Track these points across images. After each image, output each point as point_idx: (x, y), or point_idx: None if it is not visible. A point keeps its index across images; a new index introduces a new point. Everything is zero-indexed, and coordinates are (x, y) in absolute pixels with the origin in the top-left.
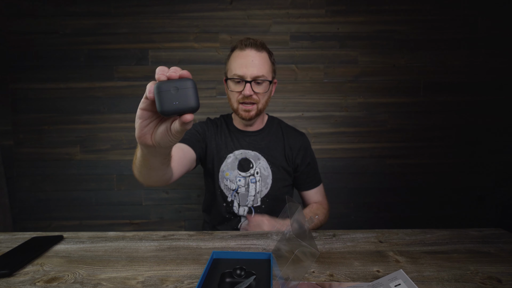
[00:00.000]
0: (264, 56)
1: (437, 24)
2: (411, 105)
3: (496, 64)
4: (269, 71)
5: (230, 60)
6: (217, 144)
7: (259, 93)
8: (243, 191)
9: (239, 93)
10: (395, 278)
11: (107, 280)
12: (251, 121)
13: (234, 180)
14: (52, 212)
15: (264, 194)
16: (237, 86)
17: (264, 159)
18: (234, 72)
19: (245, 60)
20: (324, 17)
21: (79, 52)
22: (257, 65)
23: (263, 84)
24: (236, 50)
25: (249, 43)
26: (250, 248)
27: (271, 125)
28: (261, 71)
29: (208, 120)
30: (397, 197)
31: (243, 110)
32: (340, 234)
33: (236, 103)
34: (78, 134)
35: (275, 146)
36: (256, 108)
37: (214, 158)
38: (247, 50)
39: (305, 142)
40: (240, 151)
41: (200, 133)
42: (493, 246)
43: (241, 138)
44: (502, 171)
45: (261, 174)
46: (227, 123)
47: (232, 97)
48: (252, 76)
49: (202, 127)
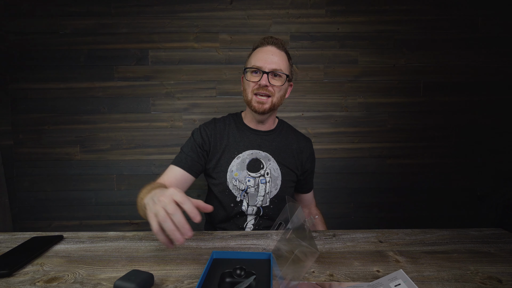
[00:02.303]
0: (283, 55)
1: (437, 24)
2: (411, 105)
3: (496, 64)
4: (286, 68)
5: (251, 56)
6: (225, 144)
7: (275, 85)
8: (253, 192)
9: (255, 83)
10: (395, 278)
11: (107, 280)
12: (263, 116)
13: (243, 181)
14: (52, 212)
15: (273, 195)
16: (254, 77)
17: (274, 160)
18: (253, 64)
19: (265, 54)
20: (324, 17)
21: (79, 52)
22: (276, 59)
23: (280, 77)
24: (258, 47)
25: (271, 41)
26: (250, 248)
27: (281, 127)
28: (279, 66)
29: (213, 121)
30: (397, 197)
31: (256, 101)
32: (340, 234)
33: (251, 94)
34: (78, 134)
35: (285, 148)
36: (271, 102)
37: (221, 159)
38: (268, 46)
39: (312, 148)
40: (250, 151)
41: (204, 145)
42: (493, 246)
43: (252, 138)
44: (502, 171)
45: (271, 175)
46: (236, 122)
47: (247, 88)
48: (270, 68)
49: (207, 133)
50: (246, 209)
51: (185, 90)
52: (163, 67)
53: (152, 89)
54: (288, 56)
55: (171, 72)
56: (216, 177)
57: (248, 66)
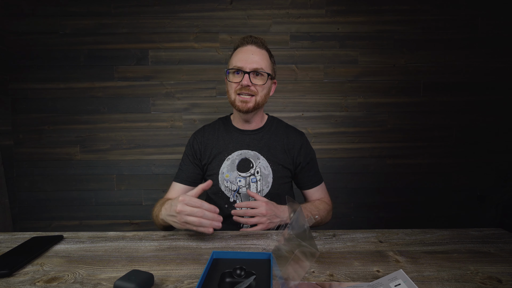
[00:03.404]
0: (264, 53)
1: (437, 24)
2: (411, 105)
3: (496, 64)
4: (268, 66)
5: (232, 56)
6: (216, 149)
7: (257, 84)
8: (245, 191)
9: (238, 83)
10: (395, 278)
11: (107, 280)
12: (248, 115)
13: (234, 181)
14: (52, 212)
15: (265, 193)
16: (235, 77)
17: (263, 158)
18: (234, 64)
19: (245, 54)
20: (324, 17)
21: (79, 52)
22: (257, 58)
23: (262, 76)
24: (238, 48)
25: (251, 40)
26: (250, 248)
27: (271, 124)
28: (260, 64)
29: (203, 128)
30: (397, 197)
31: (240, 101)
32: (340, 234)
33: (234, 94)
34: (78, 134)
35: (274, 145)
36: (254, 100)
37: (213, 163)
38: (248, 46)
39: (305, 141)
40: (239, 151)
41: (196, 154)
42: (493, 246)
43: (240, 138)
44: (502, 171)
45: (261, 174)
46: (225, 125)
47: (230, 89)
48: (251, 68)
49: (197, 142)
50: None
51: (185, 90)
52: (163, 67)
53: (152, 89)
54: (269, 54)
55: (171, 72)
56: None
57: (229, 67)
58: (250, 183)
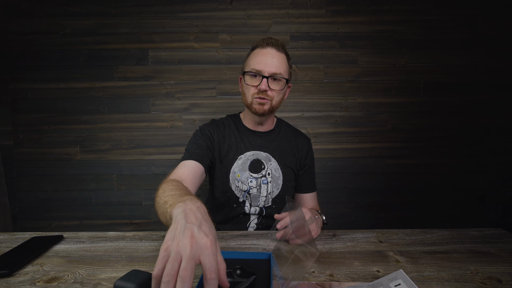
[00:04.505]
0: (283, 57)
1: (437, 24)
2: (411, 105)
3: (496, 64)
4: (286, 71)
5: (249, 57)
6: (227, 146)
7: (274, 89)
8: (255, 192)
9: (255, 87)
10: (395, 278)
11: (107, 280)
12: (263, 117)
13: (246, 182)
14: (52, 212)
15: (275, 195)
16: (253, 80)
17: (275, 160)
18: (253, 67)
19: (265, 57)
20: (324, 17)
21: (79, 52)
22: (276, 63)
23: (279, 81)
24: (257, 48)
25: (271, 42)
26: (250, 248)
27: (280, 127)
28: (279, 69)
29: (212, 122)
30: (397, 197)
31: (257, 103)
32: (340, 234)
33: (251, 97)
34: (78, 134)
35: (284, 148)
36: (270, 104)
37: (224, 160)
38: (267, 48)
39: (310, 147)
40: (251, 152)
41: (210, 139)
42: (493, 246)
43: (252, 139)
44: (502, 171)
45: (272, 175)
46: (236, 123)
47: (247, 92)
48: (270, 72)
49: (210, 131)
50: (249, 209)
51: (185, 90)
52: (163, 67)
53: (152, 89)
54: (287, 57)
55: (171, 72)
56: (219, 178)
57: (247, 69)
58: (261, 184)
